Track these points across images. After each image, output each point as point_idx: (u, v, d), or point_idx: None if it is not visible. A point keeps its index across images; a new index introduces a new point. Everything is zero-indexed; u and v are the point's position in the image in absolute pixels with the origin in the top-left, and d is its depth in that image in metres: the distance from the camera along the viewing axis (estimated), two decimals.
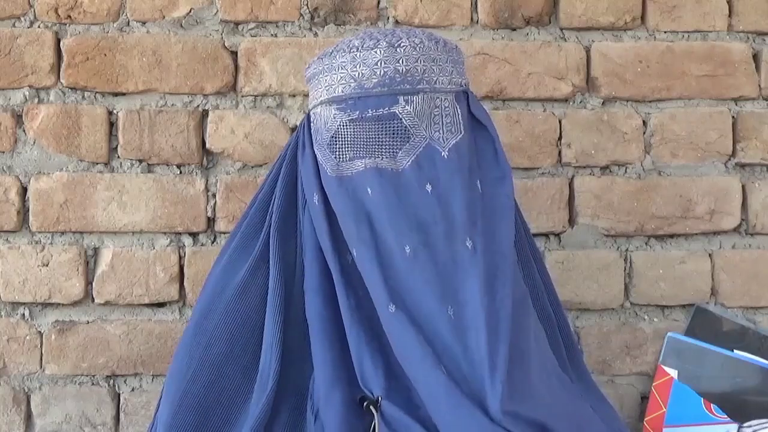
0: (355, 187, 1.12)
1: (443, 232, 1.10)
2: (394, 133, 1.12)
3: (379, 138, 1.12)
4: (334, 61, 1.15)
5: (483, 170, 1.15)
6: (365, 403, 1.09)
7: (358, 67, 1.13)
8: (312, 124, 1.18)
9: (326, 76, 1.15)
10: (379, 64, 1.12)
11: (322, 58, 1.17)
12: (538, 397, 1.09)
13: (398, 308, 1.08)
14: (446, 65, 1.15)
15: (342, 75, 1.14)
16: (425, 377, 1.06)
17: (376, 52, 1.12)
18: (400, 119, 1.12)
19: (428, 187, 1.11)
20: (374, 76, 1.12)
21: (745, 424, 1.35)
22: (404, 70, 1.12)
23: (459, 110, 1.15)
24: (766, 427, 1.32)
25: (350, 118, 1.13)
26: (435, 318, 1.07)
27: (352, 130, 1.13)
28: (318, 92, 1.17)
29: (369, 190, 1.11)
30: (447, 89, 1.15)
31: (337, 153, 1.14)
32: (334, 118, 1.14)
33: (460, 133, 1.14)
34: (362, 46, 1.13)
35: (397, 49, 1.12)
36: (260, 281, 1.17)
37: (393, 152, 1.12)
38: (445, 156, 1.13)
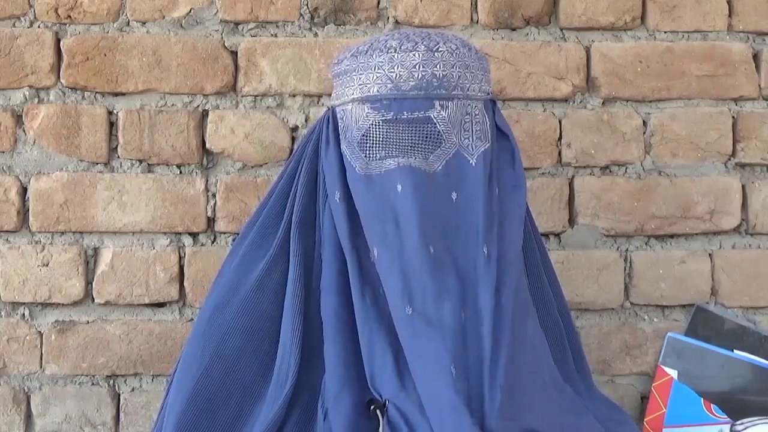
0: (383, 184, 1.12)
1: (464, 238, 1.11)
2: (427, 137, 1.12)
3: (412, 140, 1.12)
4: (370, 60, 1.14)
5: (500, 177, 1.16)
6: (372, 407, 1.09)
7: (395, 68, 1.12)
8: (340, 121, 1.17)
9: (361, 74, 1.15)
10: (417, 67, 1.12)
11: (356, 56, 1.16)
12: (529, 407, 1.09)
13: (415, 311, 1.07)
14: (477, 72, 1.16)
15: (378, 75, 1.13)
16: (431, 384, 1.06)
17: (414, 55, 1.12)
18: (435, 124, 1.12)
19: (453, 195, 1.12)
20: (412, 79, 1.12)
21: (738, 422, 1.35)
22: (441, 75, 1.12)
23: (487, 119, 1.16)
24: (757, 424, 1.32)
25: (384, 118, 1.13)
26: (450, 323, 1.07)
27: (385, 130, 1.13)
28: (350, 89, 1.16)
29: (399, 186, 1.11)
30: (478, 96, 1.15)
31: (368, 152, 1.13)
32: (367, 116, 1.14)
33: (488, 142, 1.15)
34: (400, 48, 1.13)
35: (435, 54, 1.12)
36: (277, 277, 1.17)
37: (426, 155, 1.12)
38: (473, 164, 1.13)
